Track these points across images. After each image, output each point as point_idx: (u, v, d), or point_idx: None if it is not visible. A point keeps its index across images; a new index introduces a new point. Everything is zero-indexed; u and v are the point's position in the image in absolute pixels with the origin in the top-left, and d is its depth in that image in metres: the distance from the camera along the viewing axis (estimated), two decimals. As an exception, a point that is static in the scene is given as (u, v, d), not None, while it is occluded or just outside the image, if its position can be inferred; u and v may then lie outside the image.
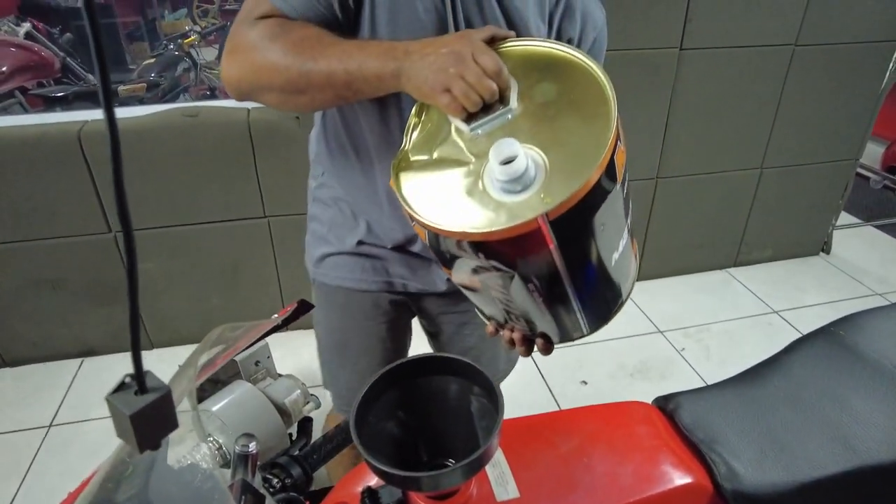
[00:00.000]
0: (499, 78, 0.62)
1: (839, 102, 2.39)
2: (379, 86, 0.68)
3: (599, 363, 2.13)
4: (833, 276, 2.65)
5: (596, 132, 0.59)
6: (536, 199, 0.58)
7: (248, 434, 0.65)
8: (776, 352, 0.88)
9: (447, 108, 0.64)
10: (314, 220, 1.01)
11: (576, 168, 0.58)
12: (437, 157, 0.67)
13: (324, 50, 0.68)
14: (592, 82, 0.63)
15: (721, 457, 0.69)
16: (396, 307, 1.02)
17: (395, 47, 0.66)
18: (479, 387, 0.63)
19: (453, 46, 0.63)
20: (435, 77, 0.62)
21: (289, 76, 0.69)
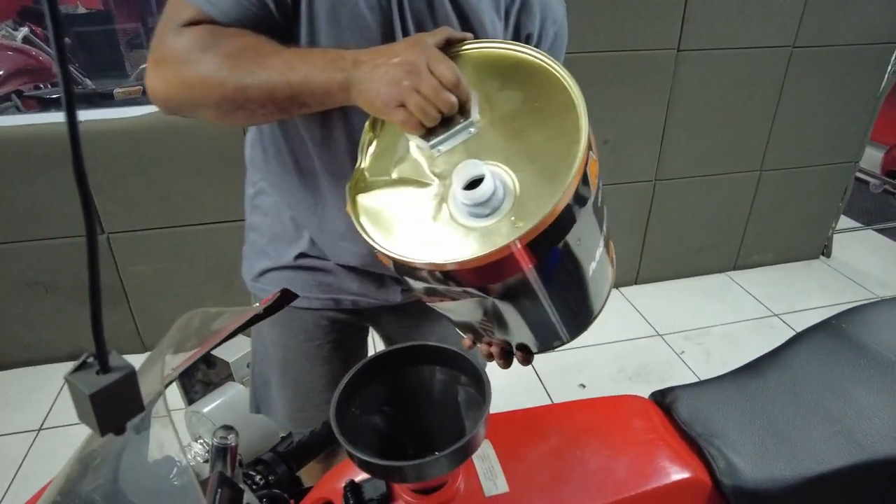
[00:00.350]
0: (457, 89, 0.58)
1: (838, 104, 2.38)
2: (326, 100, 0.62)
3: (598, 366, 2.10)
4: (834, 280, 2.63)
5: (566, 144, 0.56)
6: (507, 224, 0.55)
7: (226, 426, 0.62)
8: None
9: (403, 124, 0.59)
10: (253, 231, 0.93)
11: (547, 186, 0.55)
12: (397, 178, 0.62)
13: (263, 61, 0.62)
14: (559, 88, 0.60)
15: (720, 451, 0.67)
16: (344, 326, 0.94)
17: (342, 57, 0.61)
18: (467, 376, 0.61)
19: (406, 55, 0.58)
20: (387, 91, 0.57)
21: (224, 92, 0.62)
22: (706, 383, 0.77)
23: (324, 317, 0.92)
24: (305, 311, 0.91)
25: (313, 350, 0.94)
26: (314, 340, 0.93)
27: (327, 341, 0.94)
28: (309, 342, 0.93)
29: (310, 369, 0.95)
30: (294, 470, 0.80)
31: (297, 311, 0.90)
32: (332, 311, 0.92)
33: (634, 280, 2.52)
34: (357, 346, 1.00)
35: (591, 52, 2.00)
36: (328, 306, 0.91)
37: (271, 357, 0.96)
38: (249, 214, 0.94)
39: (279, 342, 0.94)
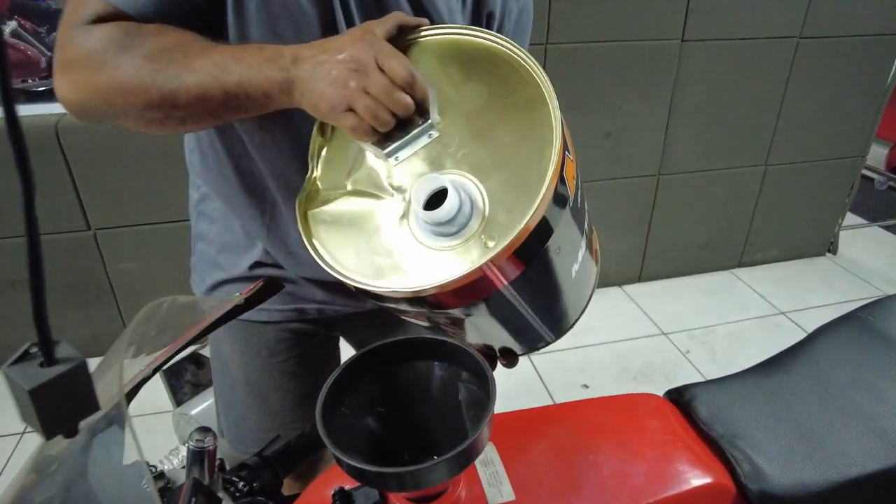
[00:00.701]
0: (413, 87, 0.51)
1: (845, 97, 2.33)
2: (267, 103, 0.55)
3: (602, 366, 2.04)
4: (841, 277, 2.58)
5: (538, 145, 0.50)
6: (477, 244, 0.49)
7: (203, 428, 0.57)
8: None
9: (352, 131, 0.52)
10: (201, 240, 0.85)
11: (520, 197, 0.49)
12: (353, 190, 0.56)
13: (190, 62, 0.54)
14: (527, 80, 0.53)
15: (744, 453, 0.61)
16: (310, 337, 0.86)
17: (281, 54, 0.53)
18: (468, 371, 0.55)
19: (351, 50, 0.51)
20: (333, 93, 0.51)
21: (149, 99, 0.54)
22: (725, 380, 0.72)
23: (286, 329, 0.84)
24: (266, 324, 0.83)
25: (278, 366, 0.85)
26: (278, 356, 0.85)
27: (293, 355, 0.86)
28: (272, 358, 0.85)
29: (276, 387, 0.87)
30: (281, 476, 0.74)
31: (257, 325, 0.83)
32: (296, 323, 0.84)
33: (637, 277, 2.46)
34: (327, 358, 0.93)
35: (592, 41, 1.95)
36: (291, 318, 0.83)
37: (233, 377, 0.88)
38: (196, 222, 0.85)
39: (240, 361, 0.86)
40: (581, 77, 1.98)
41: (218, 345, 0.87)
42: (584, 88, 2.00)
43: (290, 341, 0.84)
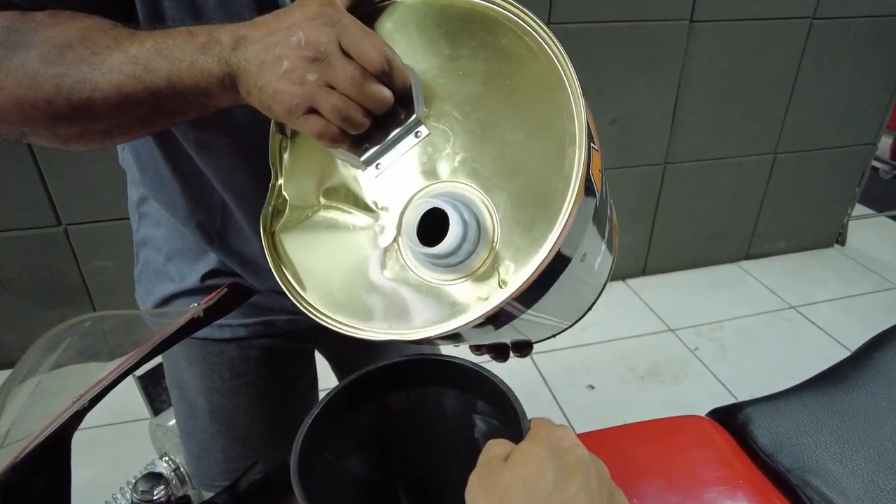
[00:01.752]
0: (391, 74, 0.40)
1: (857, 82, 2.23)
2: (208, 103, 0.43)
3: (607, 366, 1.94)
4: (851, 269, 2.49)
5: (557, 140, 0.38)
6: (489, 274, 0.39)
7: (152, 474, 0.45)
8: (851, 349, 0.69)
9: (319, 137, 0.41)
10: (145, 247, 0.72)
11: (538, 212, 0.38)
12: (327, 203, 0.44)
13: (102, 61, 0.41)
14: (536, 52, 0.40)
15: (819, 492, 0.50)
16: (279, 353, 0.76)
17: (216, 39, 0.41)
18: (486, 401, 0.44)
19: (307, 31, 0.39)
20: (289, 91, 0.39)
21: (55, 113, 0.42)
22: (781, 398, 0.61)
23: (253, 346, 0.72)
24: (228, 342, 0.71)
25: (244, 388, 0.73)
26: (244, 376, 0.73)
27: (261, 375, 0.73)
28: (237, 379, 0.72)
29: (245, 411, 0.74)
30: (258, 514, 0.63)
31: (218, 343, 0.71)
32: (264, 338, 0.72)
33: (642, 271, 2.36)
34: (300, 373, 0.81)
35: (596, 22, 1.83)
36: (257, 332, 0.72)
37: (193, 403, 0.76)
38: (138, 226, 0.72)
39: (199, 385, 0.74)
40: (586, 60, 1.87)
41: (173, 367, 0.75)
42: (588, 72, 1.89)
43: (257, 360, 0.72)
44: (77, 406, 0.44)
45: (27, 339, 1.91)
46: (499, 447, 0.34)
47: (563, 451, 0.32)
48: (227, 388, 0.72)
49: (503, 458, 0.33)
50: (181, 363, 0.72)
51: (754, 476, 0.53)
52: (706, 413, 0.63)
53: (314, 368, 0.84)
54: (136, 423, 1.64)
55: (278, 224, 0.45)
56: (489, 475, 0.32)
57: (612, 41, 1.87)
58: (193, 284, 0.67)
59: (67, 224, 1.72)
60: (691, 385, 1.86)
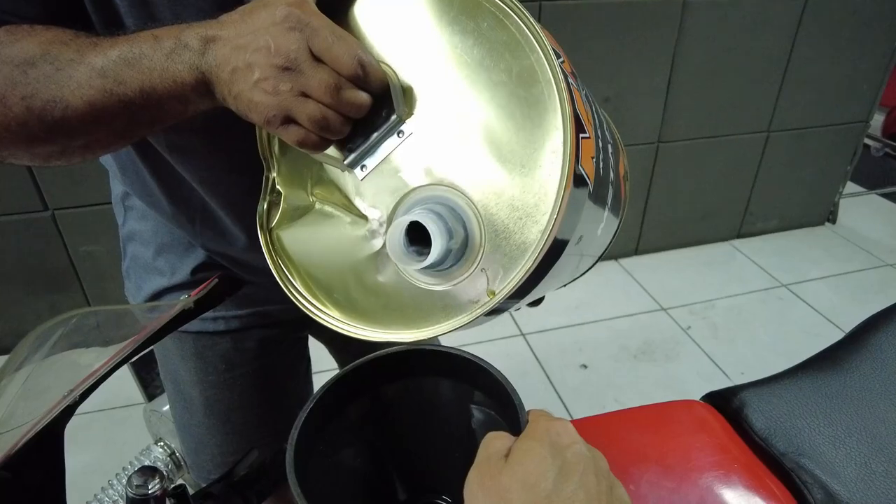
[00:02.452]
0: (366, 77, 0.38)
1: (851, 59, 2.21)
2: (187, 109, 0.42)
3: (600, 345, 1.95)
4: (842, 247, 2.50)
5: (542, 138, 0.37)
6: (478, 281, 0.39)
7: (146, 468, 0.44)
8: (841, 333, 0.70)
9: (300, 146, 0.40)
10: (133, 241, 0.69)
11: (525, 214, 0.38)
12: (320, 200, 0.44)
13: (68, 76, 0.40)
14: (520, 40, 0.39)
15: (814, 476, 0.51)
16: (276, 344, 0.74)
17: (184, 43, 0.39)
18: (482, 391, 0.43)
19: (274, 35, 0.37)
20: (264, 101, 0.38)
21: (30, 134, 0.41)
22: (775, 381, 0.61)
23: (248, 337, 0.71)
24: (222, 335, 0.70)
25: (240, 380, 0.72)
26: (239, 368, 0.72)
27: (256, 367, 0.72)
28: (232, 371, 0.71)
29: (240, 403, 0.73)
30: (254, 502, 0.63)
31: (212, 336, 0.69)
32: (258, 329, 0.71)
33: (634, 250, 2.37)
34: (295, 363, 0.80)
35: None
36: (252, 324, 0.70)
37: (188, 397, 0.75)
38: (123, 220, 0.70)
39: (194, 378, 0.72)
40: (578, 37, 1.84)
41: (166, 361, 0.74)
42: (581, 50, 1.86)
43: (251, 351, 0.71)
44: (68, 400, 0.43)
45: (17, 325, 1.89)
46: (498, 442, 0.33)
47: (563, 447, 0.32)
48: (222, 381, 0.72)
49: (503, 454, 0.32)
50: (174, 358, 0.71)
51: (749, 460, 0.53)
52: (700, 397, 0.63)
53: (308, 356, 0.83)
54: (130, 407, 1.64)
55: (274, 220, 0.44)
56: (488, 474, 0.31)
57: (605, 19, 1.84)
58: (184, 278, 0.66)
59: (55, 209, 1.69)
60: (684, 364, 1.88)
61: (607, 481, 0.32)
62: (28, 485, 0.47)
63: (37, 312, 1.84)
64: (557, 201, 0.36)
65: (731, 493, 0.49)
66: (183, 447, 0.79)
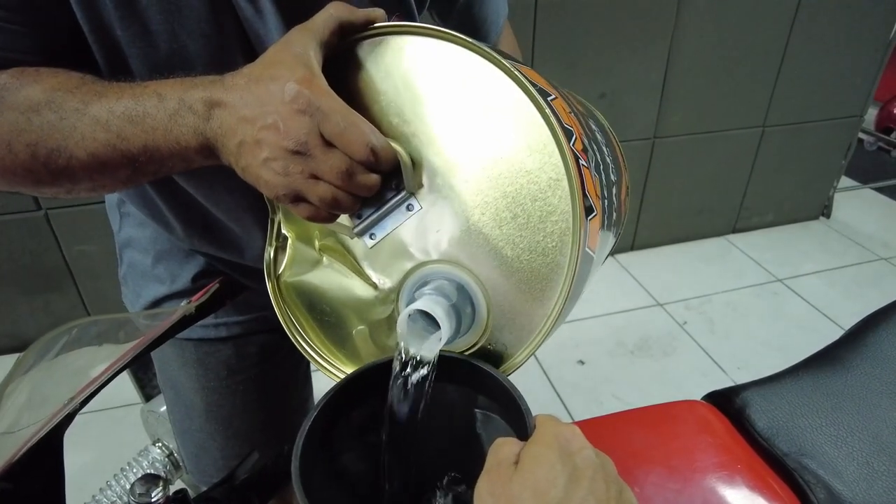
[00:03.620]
0: (377, 160, 0.38)
1: (847, 53, 2.22)
2: (188, 166, 0.42)
3: (596, 341, 1.95)
4: (836, 241, 2.51)
5: (551, 224, 0.38)
6: (484, 351, 0.41)
7: (149, 476, 0.44)
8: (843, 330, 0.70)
9: (310, 220, 0.40)
10: (130, 248, 0.68)
11: (531, 298, 0.39)
12: (328, 259, 0.44)
13: (72, 127, 0.40)
14: (528, 117, 0.38)
15: (816, 476, 0.51)
16: (273, 349, 0.73)
17: (188, 106, 0.38)
18: (486, 396, 0.43)
19: (283, 116, 0.36)
20: (274, 181, 0.37)
21: (38, 180, 0.42)
22: (777, 381, 0.61)
23: (249, 343, 0.70)
24: (224, 342, 0.69)
25: (242, 385, 0.71)
26: (241, 373, 0.71)
27: (257, 372, 0.71)
28: (234, 377, 0.71)
29: (242, 408, 0.73)
30: (256, 506, 0.63)
31: (213, 343, 0.69)
32: (260, 335, 0.71)
33: (630, 246, 2.37)
34: (295, 367, 0.80)
35: (586, -6, 1.80)
36: (253, 329, 0.70)
37: (189, 404, 0.74)
38: (119, 227, 0.69)
39: (195, 385, 0.72)
40: (574, 32, 1.84)
41: (165, 367, 0.73)
42: (577, 45, 1.86)
43: (253, 357, 0.71)
44: (69, 408, 0.43)
45: (12, 325, 1.88)
46: (507, 448, 0.33)
47: (572, 453, 0.32)
48: (223, 387, 0.71)
49: (512, 461, 0.32)
50: (174, 365, 0.70)
51: (752, 461, 0.53)
52: (702, 397, 0.63)
53: (307, 360, 0.83)
54: (128, 408, 1.63)
55: (281, 266, 0.44)
56: (498, 481, 0.31)
57: (601, 14, 1.84)
58: (185, 286, 0.65)
59: (48, 208, 1.68)
60: (681, 359, 1.89)
61: (616, 486, 0.32)
62: (28, 493, 0.46)
63: (31, 312, 1.83)
64: (562, 292, 0.37)
65: (735, 494, 0.49)
66: (183, 452, 0.79)
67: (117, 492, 1.22)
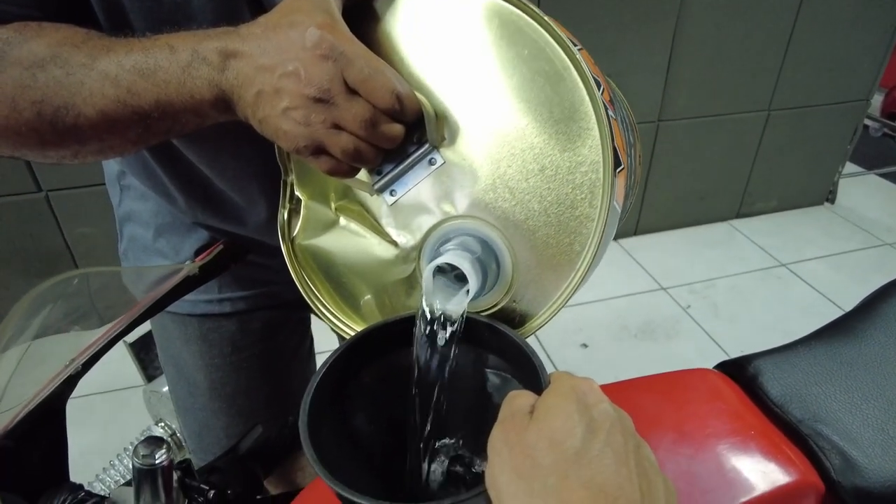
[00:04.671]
0: (402, 108, 0.36)
1: (853, 37, 2.19)
2: (202, 122, 0.40)
3: (600, 324, 1.95)
4: (840, 227, 2.50)
5: (580, 174, 0.37)
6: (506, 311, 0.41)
7: (152, 438, 0.43)
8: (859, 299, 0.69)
9: (331, 174, 0.39)
10: (131, 221, 0.67)
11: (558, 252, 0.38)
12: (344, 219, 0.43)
13: (80, 83, 0.38)
14: (559, 68, 0.37)
15: (831, 442, 0.50)
16: (283, 323, 0.73)
17: (201, 56, 0.37)
18: (497, 355, 0.42)
19: (305, 63, 0.34)
20: (294, 132, 0.36)
21: (44, 140, 0.40)
22: (791, 350, 0.60)
23: (254, 318, 0.69)
24: (228, 317, 0.68)
25: (246, 362, 0.70)
26: (245, 351, 0.70)
27: (262, 349, 0.70)
28: (238, 354, 0.70)
29: (246, 386, 0.72)
30: (260, 477, 0.62)
31: (217, 319, 0.68)
32: (264, 310, 0.70)
33: (634, 231, 2.36)
34: (298, 343, 0.79)
35: (591, -27, 1.77)
36: (258, 305, 0.69)
37: (191, 381, 0.73)
38: (120, 200, 0.67)
39: (199, 363, 0.70)
40: (579, 13, 1.81)
41: (168, 345, 0.71)
42: (581, 27, 1.83)
43: (258, 333, 0.69)
44: (70, 370, 0.42)
45: (10, 307, 1.86)
46: (521, 399, 0.32)
47: (589, 406, 0.31)
48: (227, 364, 0.70)
49: (527, 411, 0.31)
50: (177, 342, 0.69)
51: (765, 427, 0.52)
52: (713, 366, 0.62)
53: (311, 336, 0.82)
54: (130, 390, 1.63)
55: (296, 229, 0.43)
56: (513, 430, 0.30)
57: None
58: (187, 259, 0.63)
59: (48, 190, 1.67)
60: (684, 343, 1.88)
61: (634, 440, 0.31)
62: (31, 457, 0.46)
63: (32, 295, 1.82)
64: (591, 246, 0.36)
65: (748, 460, 0.49)
66: (185, 431, 0.78)
67: (121, 471, 1.21)
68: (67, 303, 0.37)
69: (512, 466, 0.29)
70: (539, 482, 0.28)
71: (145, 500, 0.42)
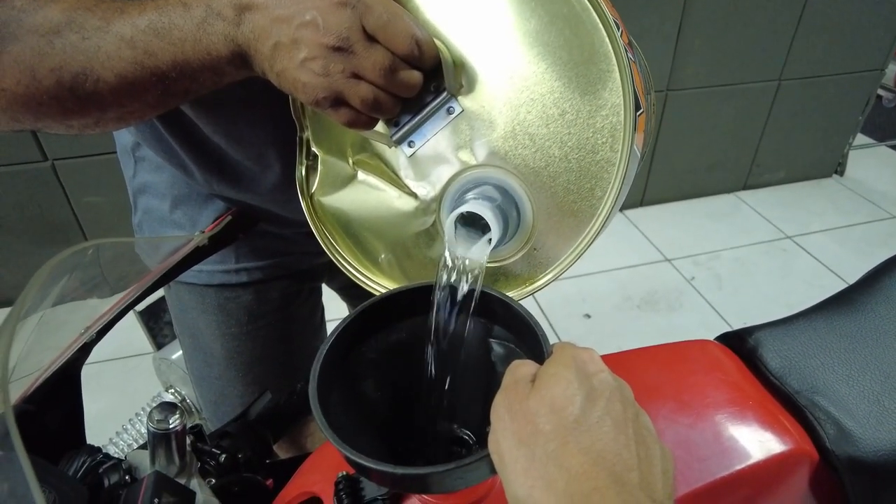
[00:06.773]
0: (421, 55, 0.36)
1: (869, 2, 2.14)
2: (220, 80, 0.40)
3: (603, 295, 1.96)
4: (848, 199, 2.48)
5: (601, 118, 0.36)
6: (527, 260, 0.41)
7: (166, 404, 0.45)
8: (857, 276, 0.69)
9: (350, 126, 0.39)
10: (146, 193, 0.66)
11: (579, 198, 0.38)
12: (363, 173, 0.43)
13: (96, 47, 0.37)
14: (579, 12, 0.36)
15: (826, 412, 0.51)
16: (297, 293, 0.74)
17: (216, 11, 0.36)
18: (501, 325, 0.43)
19: (322, 9, 0.34)
20: (312, 82, 0.36)
21: (63, 106, 0.40)
22: (791, 322, 0.61)
23: (270, 288, 0.70)
24: (245, 287, 0.69)
25: (262, 331, 0.72)
26: (262, 320, 0.71)
27: (278, 318, 0.72)
28: (254, 323, 0.71)
29: (262, 355, 0.73)
30: (270, 441, 0.64)
31: (234, 289, 0.69)
32: (280, 280, 0.71)
33: (640, 202, 2.35)
34: (311, 312, 0.80)
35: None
36: (274, 274, 0.70)
37: (208, 351, 0.74)
38: (134, 172, 0.67)
39: (215, 332, 0.71)
40: None
41: (182, 313, 0.72)
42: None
43: (274, 302, 0.70)
44: (85, 338, 0.43)
45: (23, 277, 1.90)
46: (524, 368, 0.33)
47: (589, 374, 0.32)
48: (244, 333, 0.71)
49: (529, 379, 0.32)
50: (193, 311, 0.70)
51: (763, 398, 0.53)
52: (714, 338, 0.63)
53: (322, 306, 0.83)
54: (140, 357, 1.66)
55: (314, 185, 0.43)
56: (516, 398, 0.31)
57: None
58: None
59: (54, 159, 1.67)
60: (687, 314, 1.89)
61: (633, 409, 0.32)
62: (51, 422, 0.47)
63: (37, 264, 1.83)
64: (612, 190, 0.36)
65: (745, 429, 0.50)
66: (202, 400, 0.80)
67: (133, 435, 1.25)
68: (84, 272, 0.38)
69: (514, 432, 0.30)
70: (540, 448, 0.29)
71: (160, 463, 0.44)
